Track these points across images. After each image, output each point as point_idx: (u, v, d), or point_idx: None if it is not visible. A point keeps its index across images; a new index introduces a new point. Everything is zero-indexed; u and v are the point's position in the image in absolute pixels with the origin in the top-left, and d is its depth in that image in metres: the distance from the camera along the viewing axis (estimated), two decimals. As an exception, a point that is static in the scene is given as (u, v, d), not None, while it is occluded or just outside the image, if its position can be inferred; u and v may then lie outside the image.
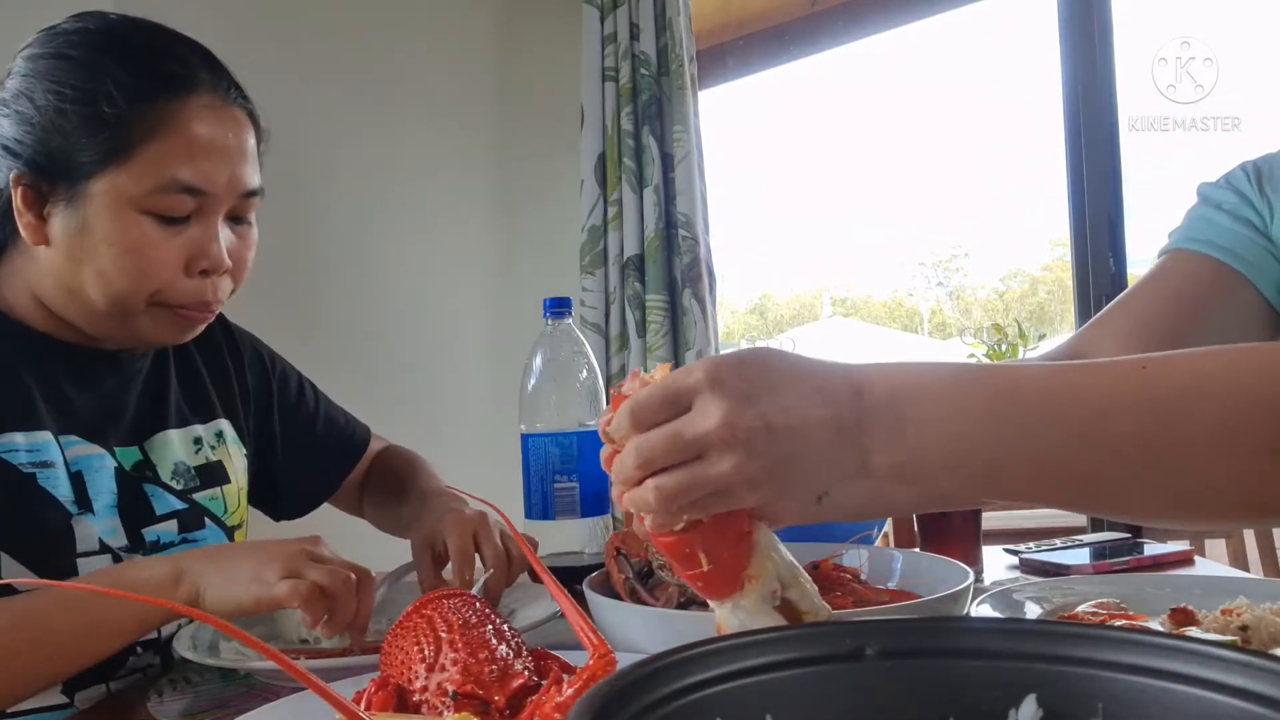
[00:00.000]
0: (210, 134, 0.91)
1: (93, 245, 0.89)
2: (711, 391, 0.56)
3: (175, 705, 0.79)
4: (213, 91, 0.93)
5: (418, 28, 2.63)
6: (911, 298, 16.71)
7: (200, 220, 0.92)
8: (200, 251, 0.93)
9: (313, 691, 0.47)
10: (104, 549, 0.95)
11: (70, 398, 0.96)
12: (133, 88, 0.89)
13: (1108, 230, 2.62)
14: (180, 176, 0.89)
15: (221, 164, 0.92)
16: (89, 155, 0.88)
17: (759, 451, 0.56)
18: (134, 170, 0.88)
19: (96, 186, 0.88)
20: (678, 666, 0.40)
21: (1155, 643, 0.40)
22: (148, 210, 0.89)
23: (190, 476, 1.05)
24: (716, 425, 0.56)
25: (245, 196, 0.96)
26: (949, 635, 0.44)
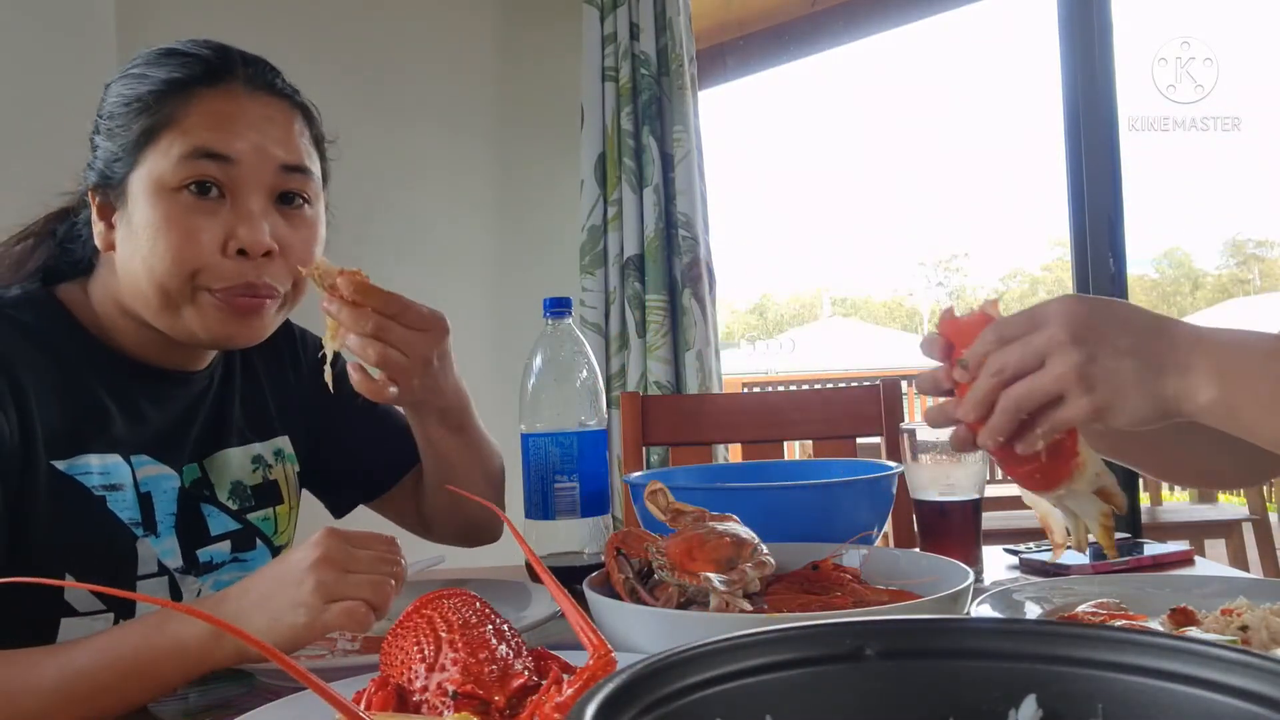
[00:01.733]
0: (238, 108, 0.92)
1: (136, 234, 0.90)
2: (1062, 310, 0.71)
3: (175, 705, 0.79)
4: (249, 79, 0.94)
5: (418, 28, 2.63)
6: (911, 298, 16.41)
7: (234, 196, 0.91)
8: (235, 229, 0.91)
9: (313, 691, 0.47)
10: (161, 570, 0.95)
11: (146, 416, 0.96)
12: (169, 81, 0.91)
13: (1108, 230, 2.62)
14: (202, 143, 0.89)
15: (246, 132, 0.91)
16: (127, 150, 0.91)
17: (1095, 355, 0.69)
18: (162, 148, 0.90)
19: (135, 176, 0.90)
20: (678, 666, 0.40)
21: (1155, 643, 0.40)
22: (179, 186, 0.89)
23: (246, 496, 1.05)
24: (1060, 330, 0.70)
25: (286, 171, 0.94)
26: (949, 635, 0.44)
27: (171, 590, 0.96)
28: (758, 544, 0.86)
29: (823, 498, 1.08)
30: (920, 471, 1.12)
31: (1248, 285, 15.03)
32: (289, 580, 0.77)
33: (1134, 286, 5.98)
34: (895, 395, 1.68)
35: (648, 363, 2.56)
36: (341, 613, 0.76)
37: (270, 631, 0.76)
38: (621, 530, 0.93)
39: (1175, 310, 15.75)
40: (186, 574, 0.97)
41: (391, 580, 0.79)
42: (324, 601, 0.76)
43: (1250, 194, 13.87)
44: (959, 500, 1.11)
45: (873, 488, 1.11)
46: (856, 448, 1.74)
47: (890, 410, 1.67)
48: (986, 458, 1.14)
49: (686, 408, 1.82)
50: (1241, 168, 8.86)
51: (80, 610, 0.89)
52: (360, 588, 0.77)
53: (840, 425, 1.70)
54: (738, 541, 0.85)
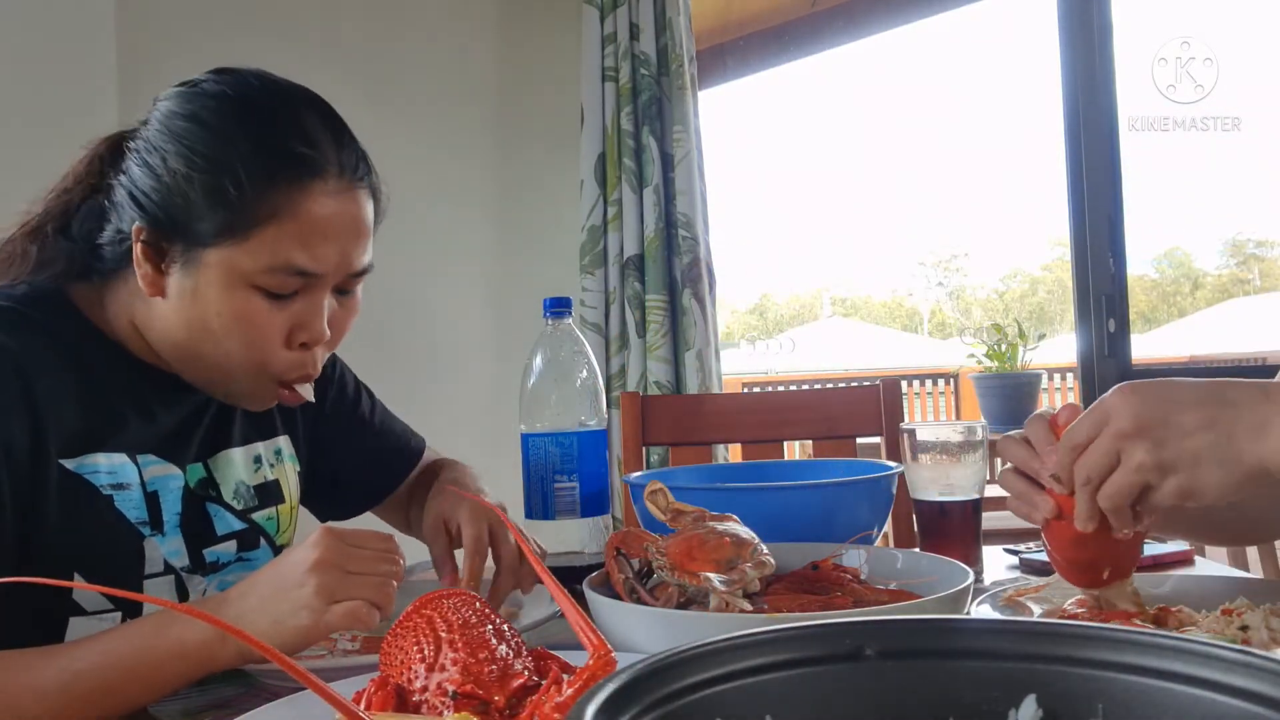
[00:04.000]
0: (329, 219, 0.91)
1: (203, 311, 0.90)
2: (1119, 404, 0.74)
3: (175, 705, 0.79)
4: (339, 175, 0.92)
5: (418, 28, 2.63)
6: (911, 298, 16.40)
7: (307, 295, 0.92)
8: (303, 325, 0.92)
9: (313, 691, 0.47)
10: (168, 569, 0.95)
11: (156, 417, 0.97)
12: (259, 166, 0.88)
13: (1108, 230, 2.62)
14: (294, 260, 0.89)
15: (336, 248, 0.92)
16: (208, 226, 0.88)
17: (1164, 440, 0.72)
18: (250, 249, 0.88)
19: (212, 256, 0.89)
20: (678, 666, 0.40)
21: (1155, 643, 0.40)
22: (258, 286, 0.89)
23: (250, 496, 1.05)
24: (1125, 424, 0.73)
25: (354, 275, 0.96)
26: (949, 635, 0.44)
27: (178, 589, 0.96)
28: (758, 544, 0.86)
29: (823, 498, 1.08)
30: (920, 471, 1.12)
31: (1248, 285, 15.02)
32: (290, 582, 0.78)
33: (1134, 286, 5.98)
34: (895, 395, 1.68)
35: (648, 363, 2.56)
36: (345, 614, 0.77)
37: (274, 634, 0.76)
38: (621, 530, 0.93)
39: (1175, 310, 15.75)
40: (193, 573, 0.97)
41: (391, 581, 0.79)
42: (326, 603, 0.76)
43: (1250, 194, 13.88)
44: (959, 500, 1.11)
45: (873, 488, 1.11)
46: (856, 448, 1.74)
47: (890, 410, 1.67)
48: (986, 457, 1.14)
49: (686, 408, 1.82)
50: (1241, 168, 8.88)
51: (88, 610, 0.90)
52: (362, 587, 0.77)
53: (840, 425, 1.70)
54: (738, 541, 0.85)
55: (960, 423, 1.13)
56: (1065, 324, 13.30)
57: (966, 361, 4.37)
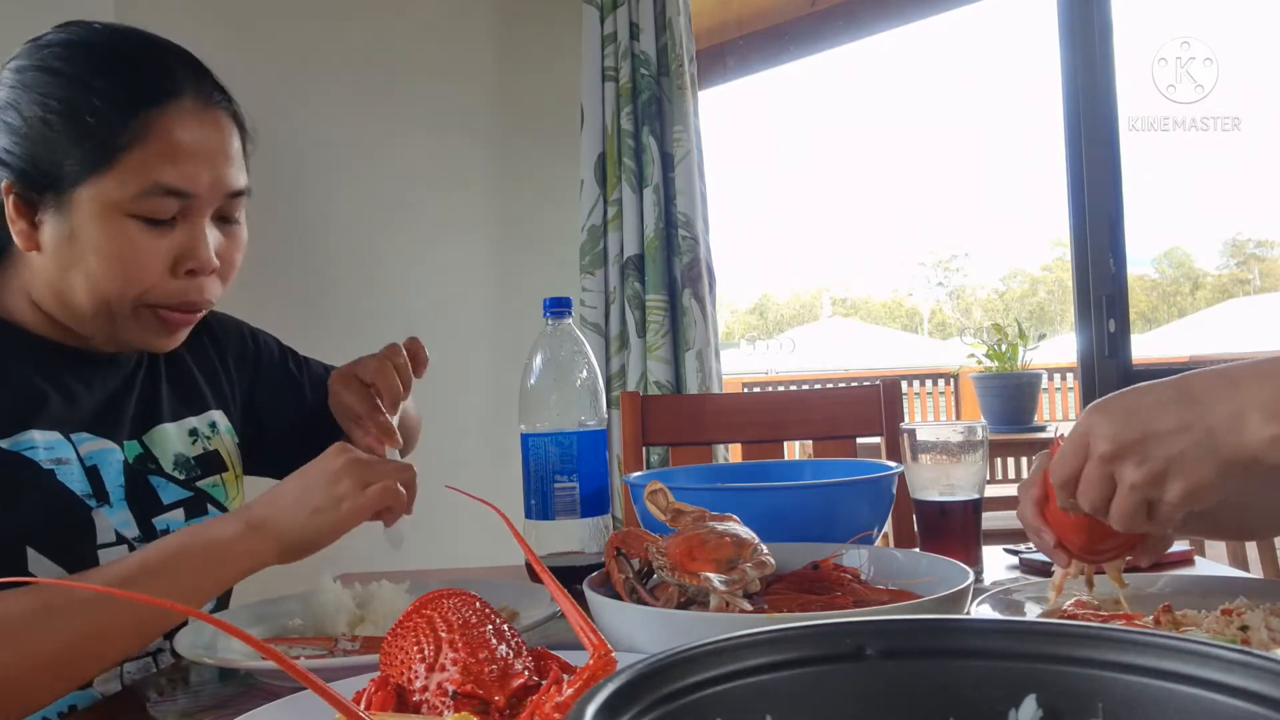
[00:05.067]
0: (193, 138, 0.92)
1: (80, 252, 0.91)
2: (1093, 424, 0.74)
3: (175, 705, 0.79)
4: (195, 96, 0.94)
5: (418, 28, 2.63)
6: (911, 298, 16.41)
7: (186, 222, 0.93)
8: (187, 253, 0.93)
9: (313, 691, 0.47)
10: (120, 539, 0.96)
11: (78, 396, 0.98)
12: (115, 97, 0.90)
13: (1108, 230, 2.62)
14: (163, 180, 0.90)
15: (204, 166, 0.93)
16: (75, 165, 0.89)
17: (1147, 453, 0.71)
18: (118, 177, 0.89)
19: (83, 194, 0.90)
20: (678, 666, 0.40)
21: (1155, 643, 0.40)
22: (133, 214, 0.90)
23: (191, 466, 1.07)
24: (1103, 447, 0.72)
25: (231, 197, 0.97)
26: (949, 635, 0.44)
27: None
28: (758, 544, 0.86)
29: (823, 498, 1.08)
30: (920, 471, 1.12)
31: (1248, 285, 15.02)
32: (321, 481, 0.89)
33: (1134, 286, 5.97)
34: (895, 395, 1.68)
35: (648, 363, 2.56)
36: (381, 490, 0.88)
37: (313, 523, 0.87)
38: (621, 530, 0.93)
39: (1175, 310, 15.74)
40: (145, 541, 0.98)
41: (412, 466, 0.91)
42: (361, 489, 0.88)
43: (1250, 194, 13.88)
44: (959, 500, 1.11)
45: (873, 488, 1.11)
46: (856, 448, 1.74)
47: (890, 410, 1.67)
48: (986, 457, 1.14)
49: (686, 408, 1.81)
50: (1241, 168, 8.88)
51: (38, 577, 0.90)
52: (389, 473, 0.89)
53: (840, 425, 1.70)
54: (738, 541, 0.85)
55: (960, 423, 1.13)
56: (1065, 324, 13.30)
57: (967, 361, 4.37)
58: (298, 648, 0.89)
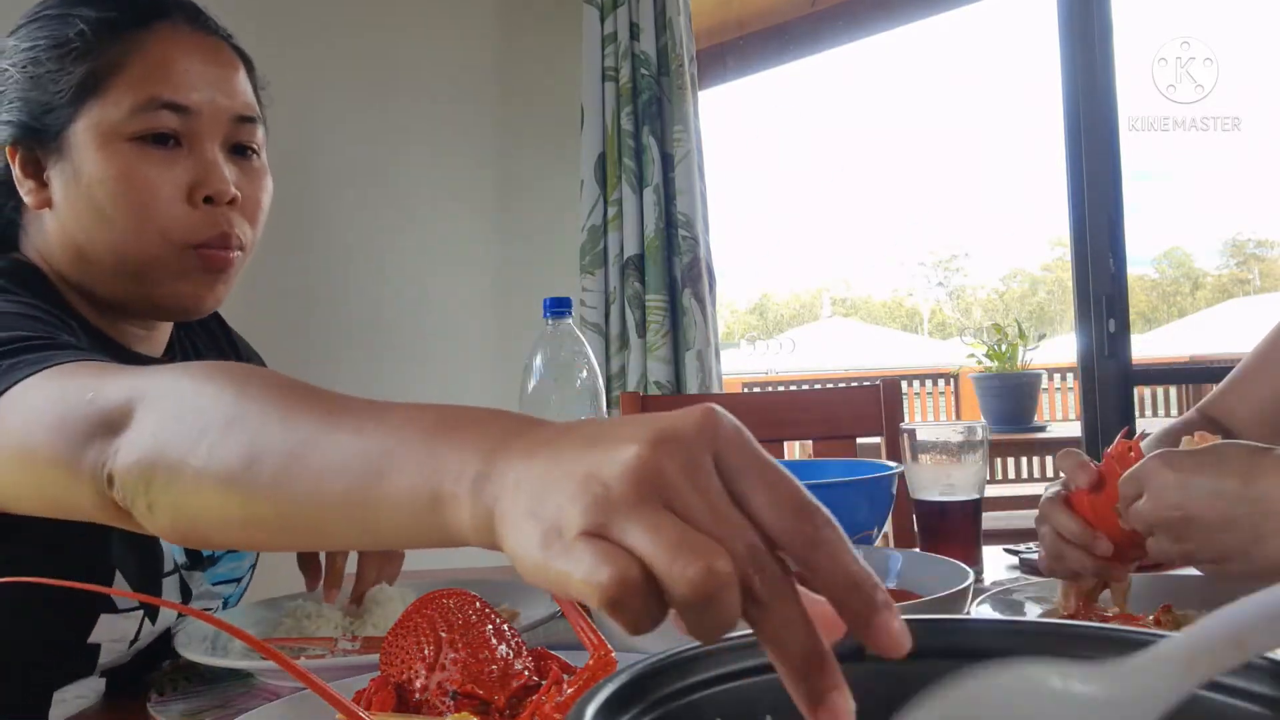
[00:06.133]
0: (186, 55, 0.88)
1: (87, 189, 0.85)
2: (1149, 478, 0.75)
3: (175, 705, 0.79)
4: (186, 20, 0.90)
5: (418, 28, 2.63)
6: (911, 298, 16.40)
7: (192, 147, 0.88)
8: (199, 178, 0.87)
9: (313, 691, 0.47)
10: (175, 568, 0.95)
11: None
12: (100, 22, 0.86)
13: (1108, 230, 2.62)
14: (157, 93, 0.86)
15: (200, 81, 0.88)
16: (65, 98, 0.85)
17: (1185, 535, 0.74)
18: (110, 98, 0.85)
19: (79, 128, 0.85)
20: (678, 666, 0.40)
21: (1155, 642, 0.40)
22: (133, 137, 0.85)
23: None
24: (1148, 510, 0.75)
25: (239, 122, 0.91)
26: (949, 635, 0.44)
27: (181, 585, 0.96)
28: (758, 544, 0.86)
29: (823, 498, 1.08)
30: (920, 471, 1.12)
31: (1248, 285, 15.01)
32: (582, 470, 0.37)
33: (1134, 286, 5.96)
34: (895, 395, 1.68)
35: (648, 363, 2.56)
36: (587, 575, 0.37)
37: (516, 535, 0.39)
38: (621, 530, 0.93)
39: (1175, 310, 15.74)
40: (192, 570, 0.97)
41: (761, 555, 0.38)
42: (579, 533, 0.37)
43: (1250, 194, 13.88)
44: (959, 500, 1.11)
45: (873, 488, 1.11)
46: (856, 448, 1.74)
47: (890, 410, 1.67)
48: (986, 457, 1.14)
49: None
50: (1241, 168, 8.88)
51: (120, 607, 0.89)
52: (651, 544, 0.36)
53: (840, 425, 1.70)
54: (738, 541, 0.85)
55: (960, 423, 1.13)
56: (1065, 324, 13.28)
57: (967, 361, 4.37)
58: (298, 648, 0.89)
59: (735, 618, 0.37)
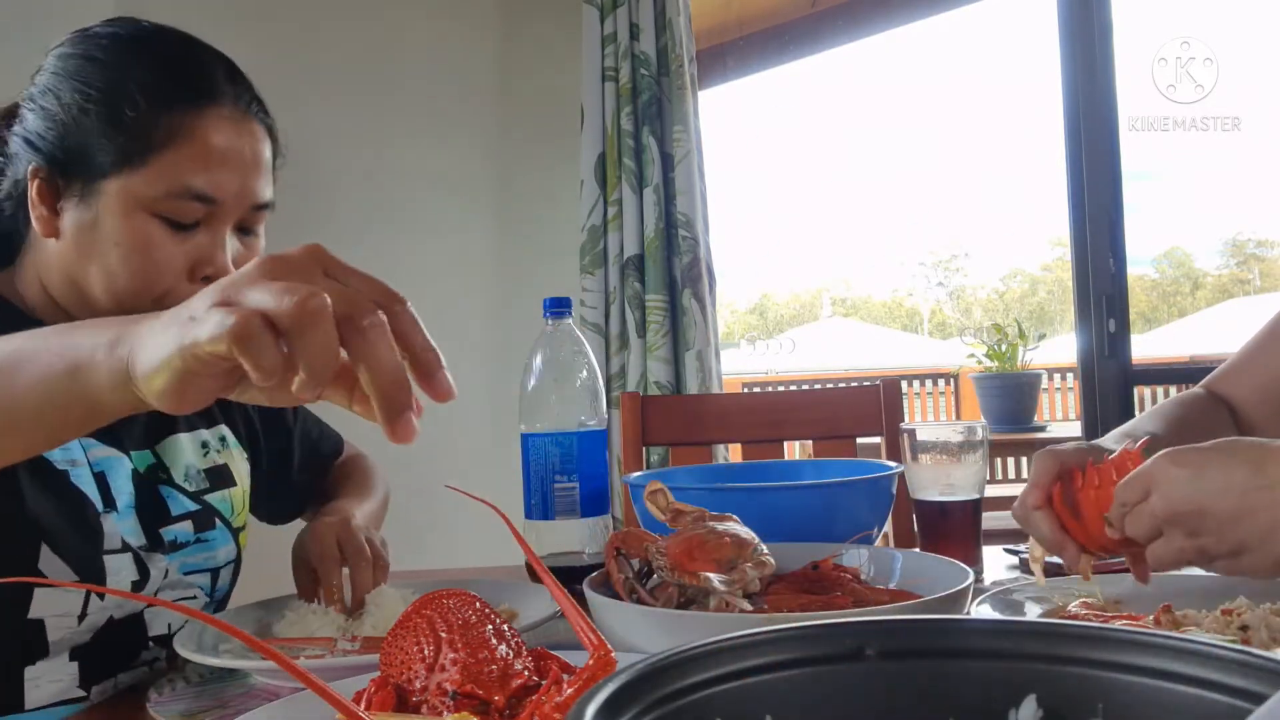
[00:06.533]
0: (226, 145, 0.92)
1: (101, 242, 0.90)
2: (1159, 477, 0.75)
3: (175, 705, 0.79)
4: (234, 104, 0.94)
5: (418, 28, 2.63)
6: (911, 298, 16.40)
7: (208, 228, 0.93)
8: (206, 258, 0.93)
9: (313, 691, 0.47)
10: (125, 547, 0.96)
11: None
12: (155, 93, 0.90)
13: (1108, 230, 2.62)
14: (193, 184, 0.90)
15: (235, 175, 0.93)
16: (106, 155, 0.89)
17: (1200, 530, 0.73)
18: (149, 174, 0.89)
19: (110, 186, 0.89)
20: (678, 666, 0.40)
21: (1155, 643, 0.40)
22: (158, 214, 0.90)
23: (200, 479, 1.07)
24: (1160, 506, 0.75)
25: (256, 209, 0.96)
26: (949, 635, 0.44)
27: (138, 567, 0.97)
28: (758, 544, 0.86)
29: (823, 498, 1.08)
30: (920, 471, 1.12)
31: (1248, 285, 15.00)
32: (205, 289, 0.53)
33: (1134, 286, 5.96)
34: (895, 395, 1.68)
35: (648, 363, 2.56)
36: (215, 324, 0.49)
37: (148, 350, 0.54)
38: (621, 530, 0.93)
39: (1175, 310, 15.74)
40: (152, 551, 0.98)
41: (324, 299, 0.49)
42: (217, 305, 0.50)
43: (1250, 194, 13.88)
44: (959, 500, 1.11)
45: (873, 488, 1.11)
46: (856, 448, 1.74)
47: (890, 410, 1.67)
48: (986, 457, 1.14)
49: (686, 408, 1.81)
50: (1241, 168, 8.89)
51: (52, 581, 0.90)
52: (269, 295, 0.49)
53: (840, 425, 1.70)
54: (738, 541, 0.85)
55: (960, 423, 1.13)
56: (1065, 324, 13.28)
57: (967, 361, 4.37)
58: (298, 648, 0.89)
59: (333, 341, 0.49)
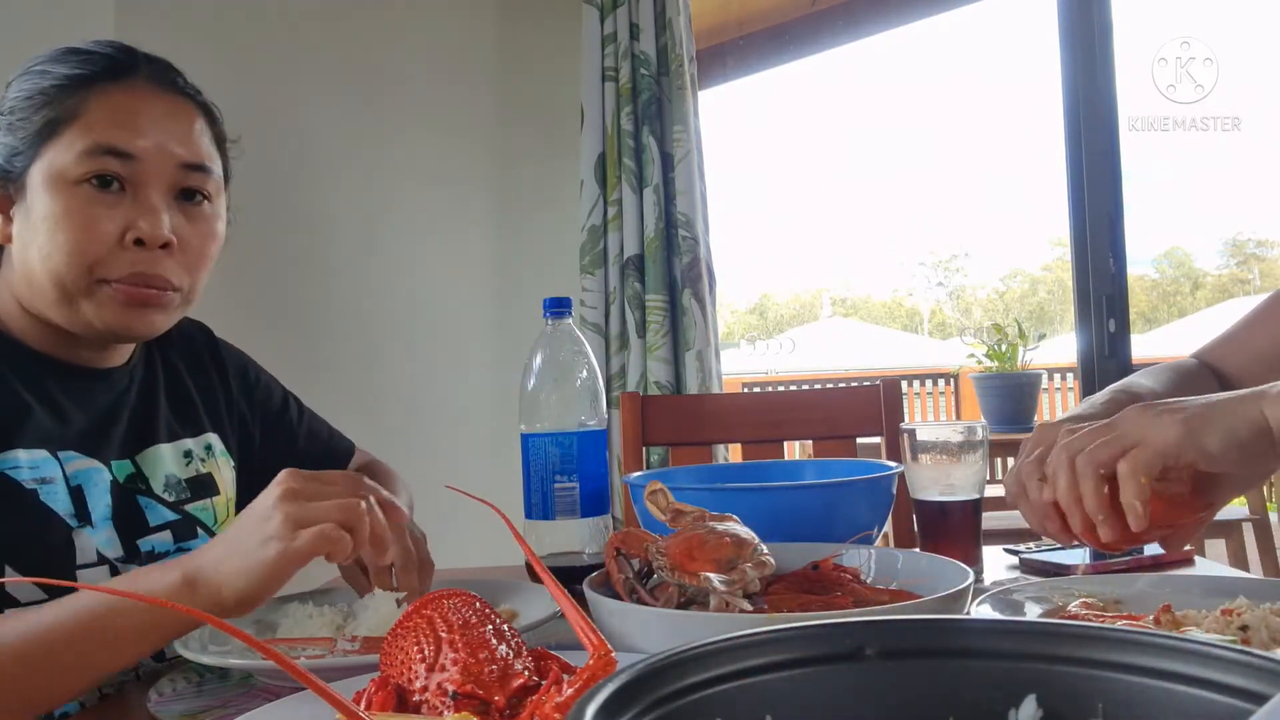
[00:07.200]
0: (141, 106, 0.94)
1: (35, 226, 0.92)
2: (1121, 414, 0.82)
3: (175, 705, 0.79)
4: (151, 78, 0.96)
5: (417, 28, 2.63)
6: (911, 298, 16.39)
7: (135, 191, 0.93)
8: (134, 221, 0.92)
9: (313, 691, 0.47)
10: (101, 560, 0.95)
11: (67, 413, 0.97)
12: (70, 77, 0.93)
13: (1108, 230, 2.62)
14: (105, 139, 0.91)
15: (149, 130, 0.94)
16: (26, 142, 0.92)
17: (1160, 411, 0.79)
18: (63, 142, 0.91)
19: (35, 169, 0.92)
20: (678, 666, 0.40)
21: (1155, 643, 0.40)
22: (79, 180, 0.91)
23: (181, 488, 1.06)
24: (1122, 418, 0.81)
25: (187, 169, 0.96)
26: (949, 635, 0.44)
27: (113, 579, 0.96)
28: (758, 544, 0.86)
29: (823, 498, 1.08)
30: (920, 471, 1.12)
31: (1248, 285, 15.00)
32: (256, 519, 0.76)
33: (1134, 286, 5.97)
34: (895, 395, 1.68)
35: (648, 363, 2.56)
36: (313, 537, 0.74)
37: (245, 572, 0.74)
38: (621, 530, 0.93)
39: (1175, 310, 15.73)
40: (128, 563, 0.98)
41: (362, 502, 0.77)
42: (293, 530, 0.74)
43: (1250, 194, 13.87)
44: (959, 500, 1.11)
45: (873, 488, 1.11)
46: (856, 448, 1.74)
47: (890, 410, 1.67)
48: (986, 457, 1.14)
49: (686, 408, 1.81)
50: (1241, 168, 8.87)
51: (23, 601, 0.90)
52: (328, 512, 0.75)
53: (840, 425, 1.70)
54: (738, 541, 0.85)
55: (960, 423, 1.13)
56: (1065, 324, 13.28)
57: (966, 361, 4.37)
58: (298, 648, 0.89)
59: (346, 549, 0.76)
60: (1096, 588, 0.90)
